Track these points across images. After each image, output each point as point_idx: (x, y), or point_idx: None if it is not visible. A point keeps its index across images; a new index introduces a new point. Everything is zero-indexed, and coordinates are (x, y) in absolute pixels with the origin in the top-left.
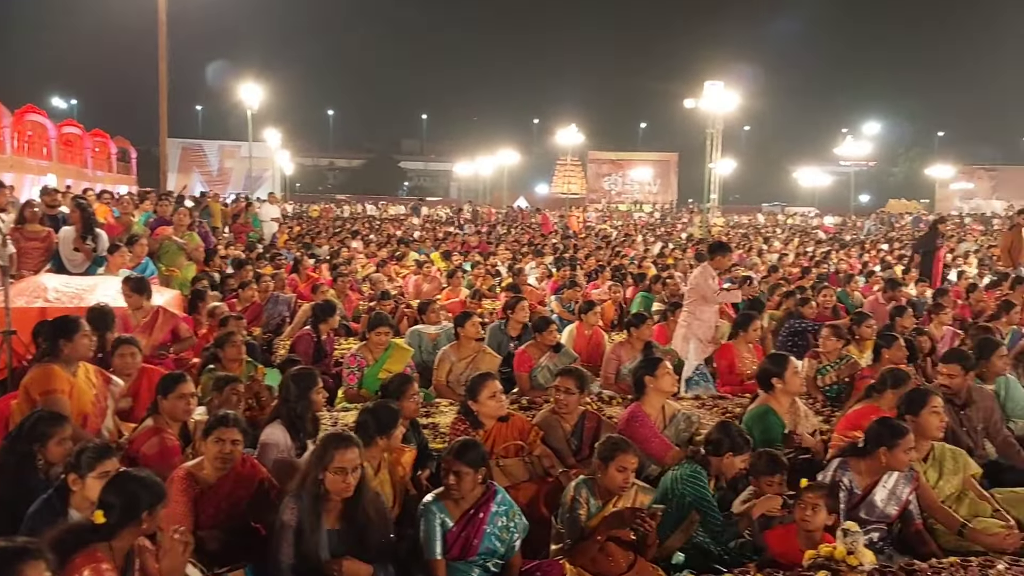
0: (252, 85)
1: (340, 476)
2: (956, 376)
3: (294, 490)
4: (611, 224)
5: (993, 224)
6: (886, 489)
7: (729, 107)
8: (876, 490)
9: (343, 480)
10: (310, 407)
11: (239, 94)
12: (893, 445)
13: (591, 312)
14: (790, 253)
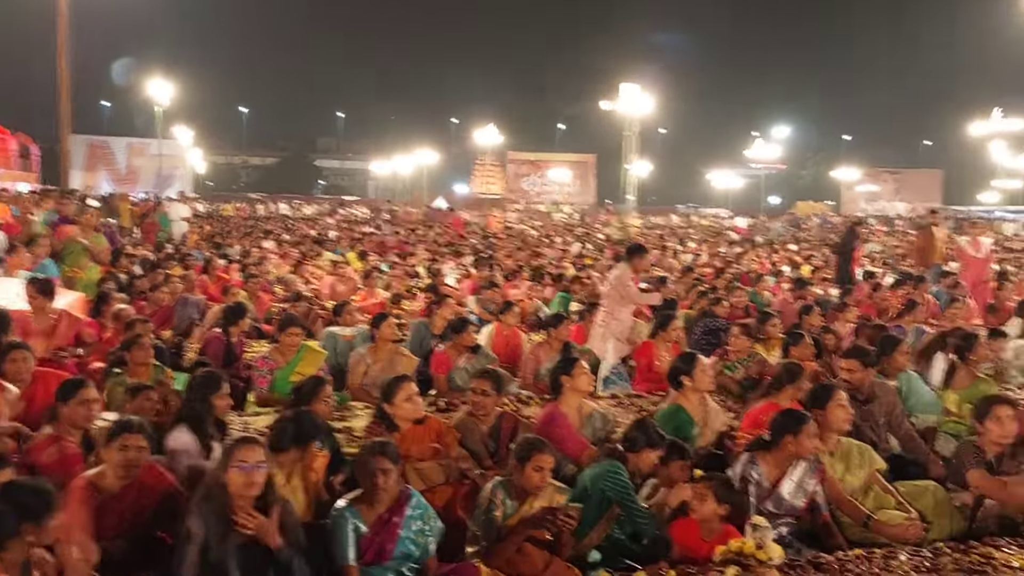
0: (161, 81)
1: (243, 474)
2: (857, 371)
3: (199, 499)
4: (530, 224)
5: (896, 225)
6: (792, 482)
7: (645, 109)
8: (783, 482)
9: (246, 477)
10: (211, 410)
11: (148, 90)
12: (797, 431)
13: (509, 313)
14: (703, 254)
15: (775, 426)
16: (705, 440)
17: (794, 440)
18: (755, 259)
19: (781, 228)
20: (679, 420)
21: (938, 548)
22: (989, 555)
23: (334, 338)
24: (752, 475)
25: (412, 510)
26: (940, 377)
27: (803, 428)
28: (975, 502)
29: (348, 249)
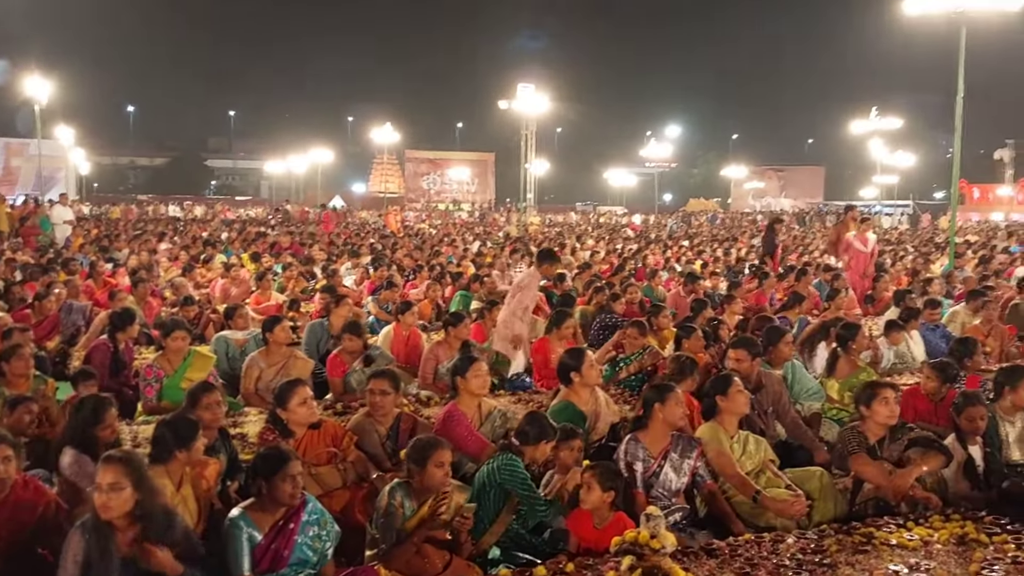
0: (39, 79)
1: (100, 495)
2: (744, 361)
3: (80, 519)
4: (430, 223)
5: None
6: (675, 459)
7: (541, 109)
8: (665, 464)
9: (99, 499)
10: (95, 440)
11: (26, 88)
12: (664, 400)
13: (408, 313)
14: (601, 250)
15: (644, 402)
16: (597, 433)
17: (662, 408)
18: (650, 255)
19: (674, 225)
20: (569, 415)
21: (823, 530)
22: (870, 534)
23: (225, 342)
24: (637, 454)
25: (308, 516)
26: (823, 365)
27: (667, 396)
28: (855, 485)
29: (241, 251)
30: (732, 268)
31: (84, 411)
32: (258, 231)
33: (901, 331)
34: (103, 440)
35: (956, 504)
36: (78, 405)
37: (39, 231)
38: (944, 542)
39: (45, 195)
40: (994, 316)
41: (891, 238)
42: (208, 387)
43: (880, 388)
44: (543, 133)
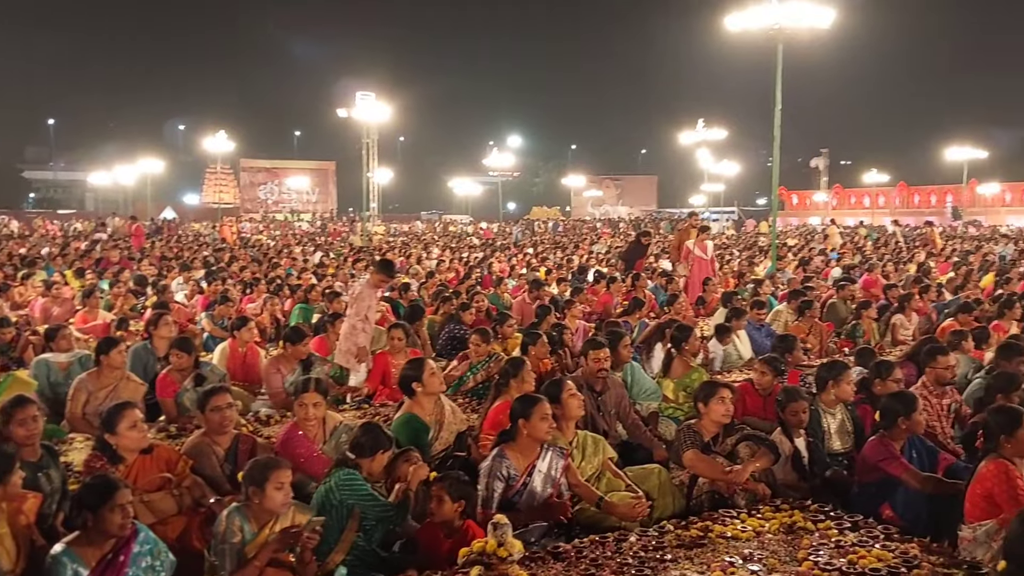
0: None
1: None
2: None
3: None
4: (268, 235)
5: (620, 228)
6: (542, 472)
7: (382, 117)
8: (534, 475)
9: None
10: None
11: None
12: (528, 414)
13: (245, 328)
14: (447, 259)
15: (511, 416)
16: (443, 443)
17: (527, 423)
18: (496, 263)
19: (519, 233)
20: (413, 427)
21: (663, 526)
22: (707, 528)
23: (46, 366)
24: (502, 470)
25: (140, 546)
26: (659, 366)
27: (532, 410)
28: (691, 480)
29: (64, 267)
30: (576, 274)
31: None
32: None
33: (730, 332)
34: None
35: (784, 494)
36: None
37: None
38: (775, 531)
39: None
40: (814, 315)
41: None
42: (21, 400)
43: (718, 388)
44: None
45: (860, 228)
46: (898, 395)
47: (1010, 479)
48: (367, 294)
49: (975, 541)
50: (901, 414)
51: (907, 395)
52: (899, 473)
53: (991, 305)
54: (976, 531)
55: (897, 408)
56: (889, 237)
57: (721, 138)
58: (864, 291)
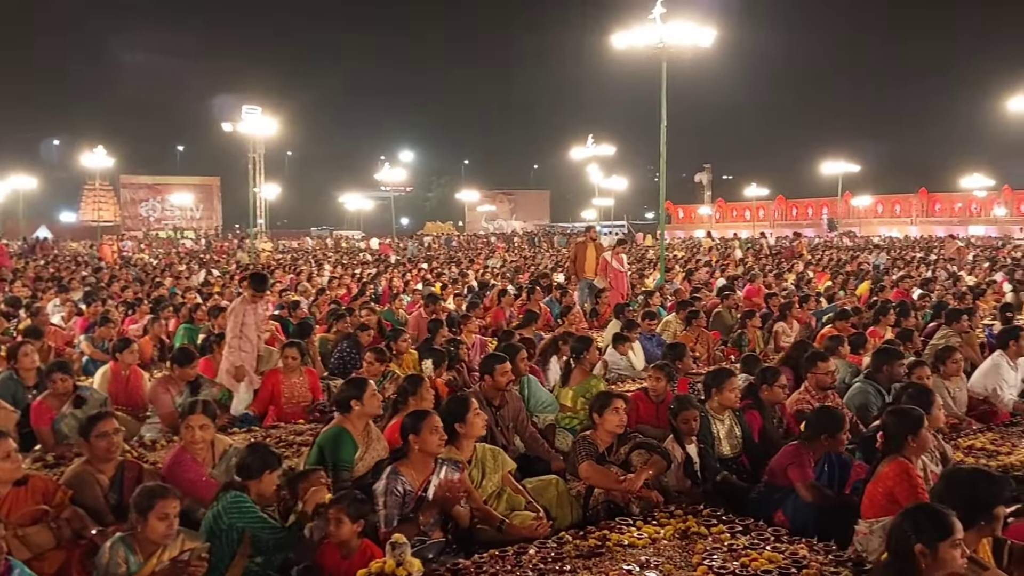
0: None
1: None
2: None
3: None
4: (150, 253)
5: (514, 241)
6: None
7: (269, 132)
8: (430, 490)
9: None
10: None
11: None
12: (418, 429)
13: (127, 351)
14: (339, 276)
15: (402, 432)
16: (366, 466)
17: (417, 439)
18: (391, 278)
19: (413, 248)
20: (341, 442)
21: (561, 537)
22: (604, 537)
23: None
24: (397, 487)
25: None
26: (556, 378)
27: (421, 425)
28: (587, 490)
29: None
30: (474, 290)
31: None
32: None
33: (628, 341)
34: None
35: (677, 500)
36: None
37: None
38: (670, 537)
39: None
40: (701, 324)
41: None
42: None
43: (612, 398)
44: (273, 156)
45: (734, 240)
46: (828, 412)
47: (911, 478)
48: (240, 310)
49: (870, 535)
50: (826, 433)
51: (836, 414)
52: (796, 480)
53: (867, 312)
54: (873, 526)
55: (824, 424)
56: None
57: (610, 154)
58: (747, 301)
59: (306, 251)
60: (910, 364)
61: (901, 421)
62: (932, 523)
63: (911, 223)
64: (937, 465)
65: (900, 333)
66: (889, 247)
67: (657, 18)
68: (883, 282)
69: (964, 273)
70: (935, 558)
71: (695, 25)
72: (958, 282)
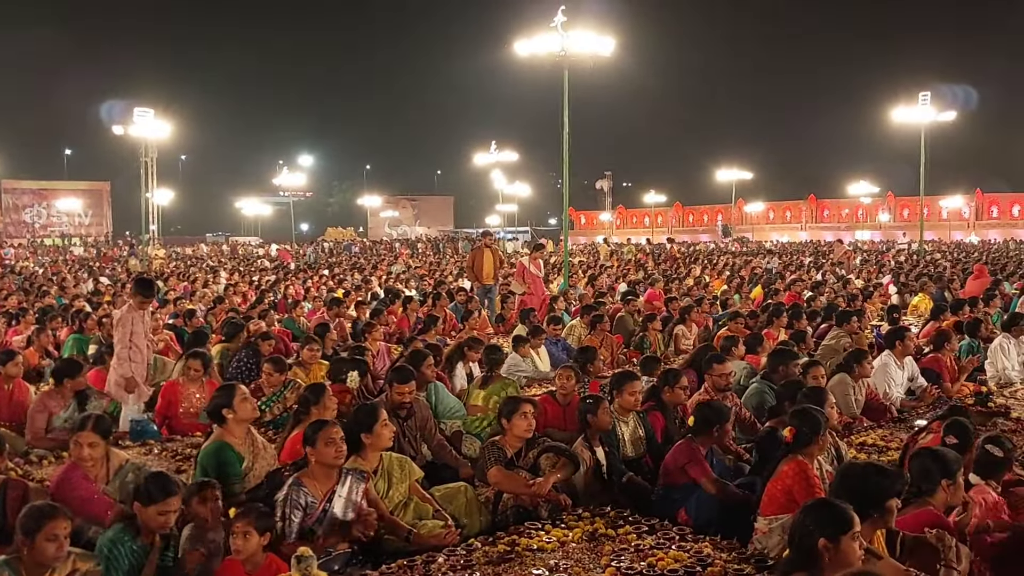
0: None
1: None
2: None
3: None
4: (35, 261)
5: (418, 247)
6: (342, 498)
7: (161, 135)
8: (334, 500)
9: None
10: None
11: None
12: (313, 441)
13: (11, 363)
14: (235, 283)
15: (303, 442)
16: (256, 477)
17: (314, 451)
18: (290, 285)
19: (313, 254)
20: (223, 456)
21: (471, 544)
22: (513, 542)
23: None
24: (299, 498)
25: None
26: (462, 384)
27: (318, 436)
28: (495, 496)
29: None
30: (378, 296)
31: None
32: None
33: (528, 344)
34: None
35: (585, 503)
36: None
37: None
38: (578, 540)
39: None
40: (605, 328)
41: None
42: None
43: (520, 403)
44: (166, 160)
45: (626, 245)
46: (712, 405)
47: (808, 477)
48: (128, 319)
49: (769, 533)
50: (715, 423)
51: (720, 406)
52: (699, 476)
53: (762, 315)
54: (772, 523)
55: (711, 417)
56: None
57: (513, 160)
58: (648, 304)
59: (200, 258)
60: (804, 364)
61: (809, 422)
62: (833, 517)
63: (801, 228)
64: (832, 463)
65: (794, 335)
66: (781, 252)
67: (559, 26)
68: (776, 286)
69: (852, 276)
70: (837, 551)
71: (595, 34)
72: (847, 285)
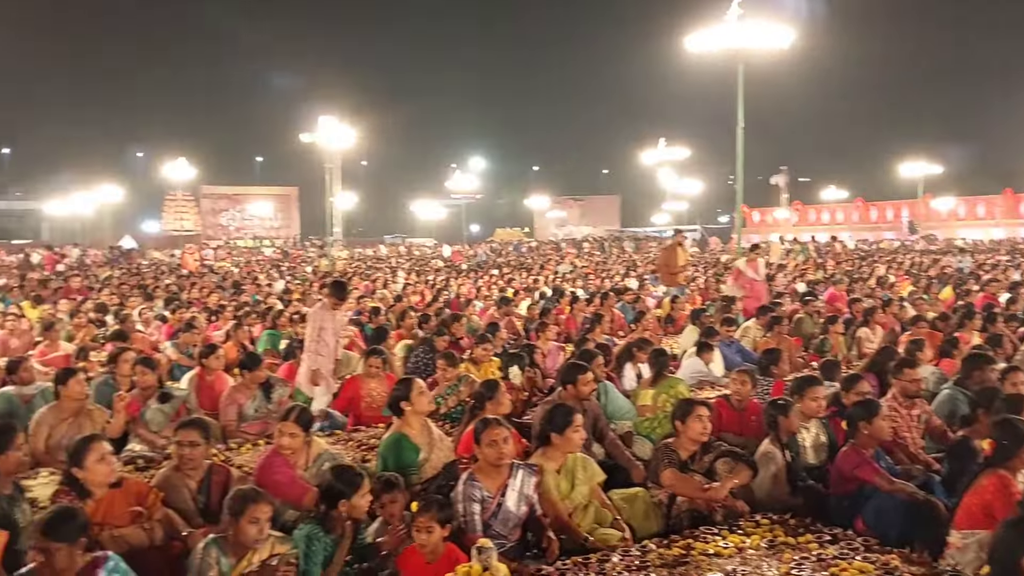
0: None
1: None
2: (590, 383)
3: None
4: (231, 261)
5: (584, 247)
6: (515, 491)
7: (345, 142)
8: (507, 494)
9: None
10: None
11: None
12: (479, 440)
13: (213, 356)
14: (412, 283)
15: (476, 439)
16: (433, 468)
17: (479, 449)
18: (463, 285)
19: (482, 254)
20: (401, 447)
21: (645, 546)
22: (688, 546)
23: (8, 400)
24: (474, 494)
25: (108, 574)
26: (631, 385)
27: (482, 436)
28: (669, 499)
29: (21, 298)
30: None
31: None
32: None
33: (712, 349)
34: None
35: (763, 510)
36: None
37: None
38: (756, 547)
39: None
40: (783, 331)
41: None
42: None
43: (695, 405)
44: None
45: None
46: (859, 402)
47: (1011, 493)
48: (319, 316)
49: (964, 549)
50: (862, 419)
51: (868, 401)
52: (871, 477)
53: (953, 317)
54: (967, 539)
55: (858, 414)
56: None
57: (683, 157)
58: (829, 306)
59: (380, 259)
60: (1003, 370)
61: (1012, 434)
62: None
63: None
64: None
65: (990, 338)
66: (973, 250)
67: (733, 20)
68: (968, 286)
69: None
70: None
71: (773, 26)
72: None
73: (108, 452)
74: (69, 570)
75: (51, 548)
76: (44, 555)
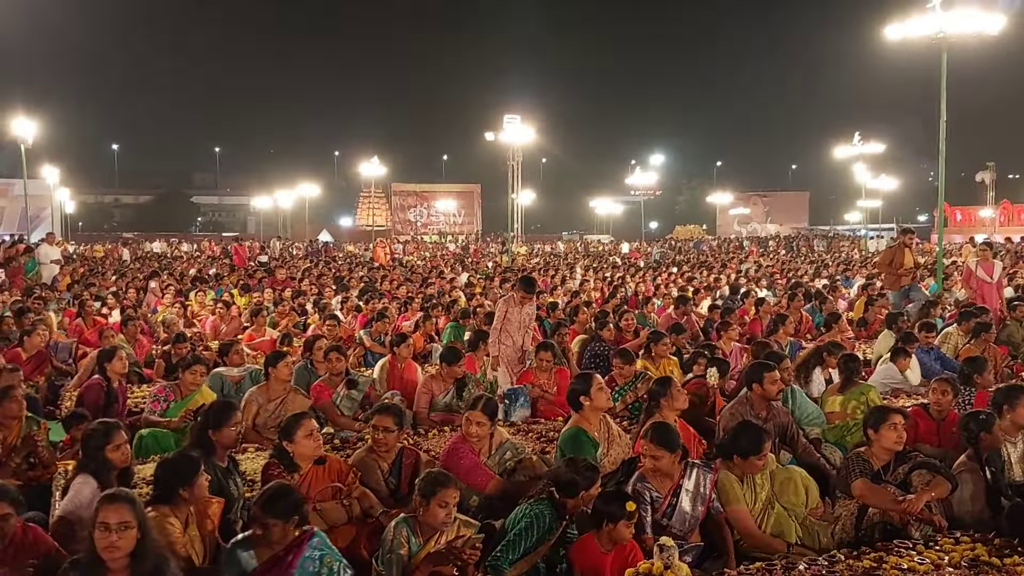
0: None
1: (104, 534)
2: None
3: (73, 557)
4: (418, 255)
5: (769, 245)
6: (689, 491)
7: (526, 140)
8: (680, 495)
9: (107, 539)
10: (107, 462)
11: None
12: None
13: (404, 345)
14: (591, 279)
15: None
16: (611, 462)
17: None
18: (640, 282)
19: (658, 253)
20: (579, 442)
21: (833, 556)
22: (880, 559)
23: (220, 379)
24: (645, 494)
25: (311, 551)
26: (819, 390)
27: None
28: (859, 510)
29: (231, 287)
30: (725, 295)
31: (95, 436)
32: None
33: (908, 355)
34: (115, 463)
35: (964, 526)
36: (88, 432)
37: (23, 271)
38: (955, 565)
39: (30, 234)
40: (989, 338)
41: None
42: (232, 406)
43: (889, 413)
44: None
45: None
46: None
47: None
48: (503, 308)
49: None
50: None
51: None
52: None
53: None
54: None
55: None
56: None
57: (879, 152)
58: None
59: (558, 255)
60: None
61: None
62: None
63: None
64: None
65: None
66: None
67: (936, 6)
68: None
69: None
70: None
71: (981, 11)
72: None
73: (316, 429)
74: (281, 543)
75: (269, 523)
76: (262, 528)
